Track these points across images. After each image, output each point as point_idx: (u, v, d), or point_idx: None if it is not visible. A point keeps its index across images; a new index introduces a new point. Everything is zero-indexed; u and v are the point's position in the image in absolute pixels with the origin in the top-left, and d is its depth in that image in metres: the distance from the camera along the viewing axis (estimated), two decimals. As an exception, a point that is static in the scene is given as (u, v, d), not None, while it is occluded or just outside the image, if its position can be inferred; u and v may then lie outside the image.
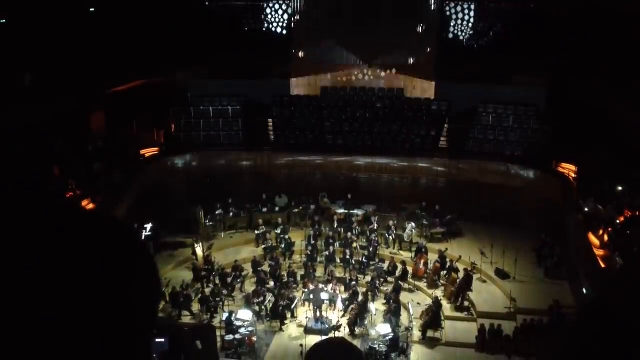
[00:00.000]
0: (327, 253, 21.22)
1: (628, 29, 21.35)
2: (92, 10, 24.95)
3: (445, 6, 26.46)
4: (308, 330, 17.78)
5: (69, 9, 23.22)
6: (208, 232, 22.87)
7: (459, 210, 22.99)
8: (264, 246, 22.13)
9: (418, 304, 18.94)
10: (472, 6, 26.47)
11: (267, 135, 26.22)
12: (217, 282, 19.93)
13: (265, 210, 24.08)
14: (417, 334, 17.62)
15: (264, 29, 27.56)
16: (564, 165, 22.62)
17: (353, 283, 19.62)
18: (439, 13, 26.46)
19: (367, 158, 24.91)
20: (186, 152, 25.10)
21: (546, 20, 24.85)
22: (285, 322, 18.22)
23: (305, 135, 25.63)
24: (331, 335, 16.68)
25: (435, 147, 25.03)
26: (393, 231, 22.60)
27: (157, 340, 12.80)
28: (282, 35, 27.49)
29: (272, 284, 19.66)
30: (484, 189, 23.21)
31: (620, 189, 19.97)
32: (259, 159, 25.54)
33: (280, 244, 22.20)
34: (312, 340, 15.83)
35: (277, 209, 24.17)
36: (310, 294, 18.80)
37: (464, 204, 23.00)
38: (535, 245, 21.18)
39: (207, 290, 19.46)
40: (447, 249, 20.92)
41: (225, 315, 17.62)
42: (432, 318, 17.65)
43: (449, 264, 20.33)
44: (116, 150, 23.09)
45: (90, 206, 18.71)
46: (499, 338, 17.09)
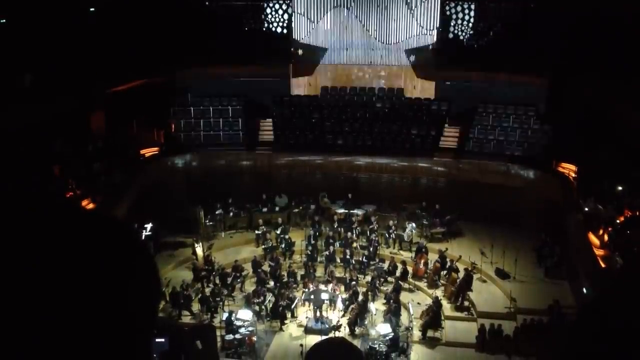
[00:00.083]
0: (327, 253, 21.22)
1: (628, 29, 21.34)
2: (92, 10, 24.94)
3: (445, 6, 26.44)
4: (308, 330, 17.79)
5: (69, 9, 23.21)
6: (208, 232, 22.88)
7: (459, 210, 23.00)
8: (264, 246, 22.14)
9: (418, 303, 18.95)
10: (472, 6, 26.45)
11: (267, 135, 26.23)
12: (217, 282, 19.94)
13: (265, 210, 24.08)
14: (417, 334, 17.63)
15: (264, 29, 27.55)
16: (564, 165, 22.61)
17: (353, 283, 19.62)
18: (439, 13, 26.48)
19: (367, 158, 24.90)
20: (186, 152, 25.10)
21: (546, 20, 24.82)
22: (285, 322, 18.23)
23: (305, 135, 25.62)
24: (331, 335, 16.67)
25: (435, 147, 25.03)
26: (393, 231, 22.60)
27: (157, 340, 12.81)
28: (282, 34, 27.47)
29: (272, 283, 19.67)
30: (484, 189, 23.21)
31: (620, 189, 19.96)
32: (259, 159, 25.54)
33: (280, 244, 22.21)
34: (312, 340, 15.81)
35: (277, 209, 24.18)
36: (310, 294, 18.81)
37: (464, 204, 23.01)
38: (535, 245, 21.19)
39: (207, 290, 19.46)
40: (447, 249, 20.93)
41: (225, 315, 17.62)
42: (432, 318, 17.65)
43: (449, 264, 20.34)
44: (116, 150, 23.08)
45: (90, 206, 18.70)
46: (499, 338, 17.10)
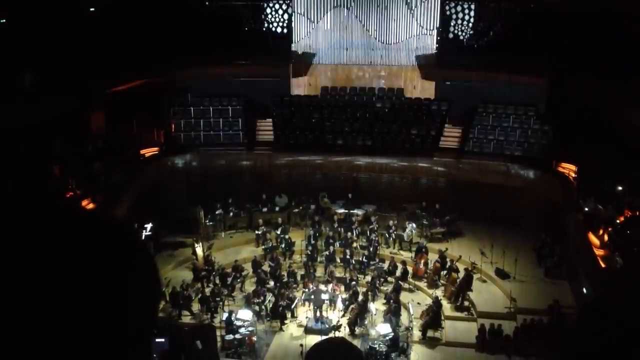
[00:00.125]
0: (327, 253, 21.22)
1: (628, 29, 21.34)
2: (92, 10, 24.93)
3: (445, 6, 26.43)
4: (308, 330, 17.79)
5: (69, 9, 23.19)
6: (208, 232, 22.88)
7: (459, 210, 23.00)
8: (264, 246, 22.14)
9: (418, 303, 18.95)
10: (472, 6, 26.43)
11: (267, 135, 26.23)
12: (217, 282, 19.94)
13: (265, 210, 24.08)
14: (417, 334, 17.63)
15: (264, 29, 27.53)
16: (564, 165, 22.60)
17: (353, 283, 19.62)
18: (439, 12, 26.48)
19: (367, 158, 24.88)
20: (186, 152, 25.08)
21: (546, 20, 24.82)
22: (285, 322, 18.23)
23: (305, 135, 25.60)
24: (331, 335, 16.67)
25: (435, 147, 25.02)
26: (393, 231, 22.60)
27: (157, 340, 12.82)
28: (282, 34, 27.45)
29: (272, 283, 19.67)
30: (484, 189, 23.20)
31: (620, 189, 19.96)
32: (259, 159, 25.53)
33: (280, 244, 22.21)
34: (312, 340, 15.80)
35: (277, 208, 24.18)
36: (310, 294, 18.81)
37: (464, 204, 23.01)
38: (535, 245, 21.20)
39: (207, 290, 19.46)
40: (447, 249, 20.94)
41: (225, 315, 17.63)
42: (432, 318, 17.65)
43: (449, 264, 20.34)
44: (116, 150, 23.06)
45: (90, 206, 18.69)
46: (499, 338, 17.10)
